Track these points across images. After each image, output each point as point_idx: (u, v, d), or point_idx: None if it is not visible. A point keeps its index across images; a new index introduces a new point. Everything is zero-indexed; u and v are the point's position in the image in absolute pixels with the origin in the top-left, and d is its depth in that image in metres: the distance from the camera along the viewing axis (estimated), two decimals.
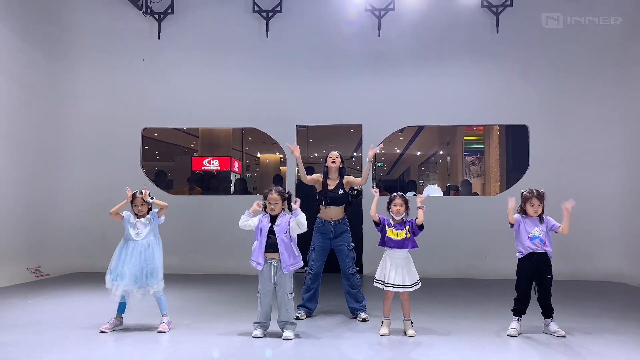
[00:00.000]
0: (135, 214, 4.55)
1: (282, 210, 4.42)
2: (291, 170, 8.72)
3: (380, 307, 4.60)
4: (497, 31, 8.48)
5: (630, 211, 7.96)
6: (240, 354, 3.89)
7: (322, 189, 5.20)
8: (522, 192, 4.61)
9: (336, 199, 5.14)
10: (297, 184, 8.64)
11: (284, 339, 4.20)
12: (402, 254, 4.46)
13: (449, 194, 10.45)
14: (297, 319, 4.85)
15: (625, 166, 8.11)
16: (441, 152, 16.43)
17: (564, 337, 4.36)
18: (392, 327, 4.51)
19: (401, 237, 4.43)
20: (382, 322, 4.50)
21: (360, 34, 8.74)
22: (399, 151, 18.51)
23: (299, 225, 4.31)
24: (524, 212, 4.54)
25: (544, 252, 4.46)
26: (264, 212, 4.45)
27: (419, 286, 4.46)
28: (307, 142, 15.71)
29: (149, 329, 4.52)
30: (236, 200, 9.27)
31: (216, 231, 8.56)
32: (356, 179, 5.26)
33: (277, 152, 17.20)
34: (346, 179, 5.23)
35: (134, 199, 4.55)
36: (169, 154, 16.54)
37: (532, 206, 4.46)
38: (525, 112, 8.46)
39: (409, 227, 4.46)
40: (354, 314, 5.11)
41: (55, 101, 8.55)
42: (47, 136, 8.35)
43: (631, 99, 8.06)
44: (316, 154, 17.67)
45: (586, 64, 8.37)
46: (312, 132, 13.39)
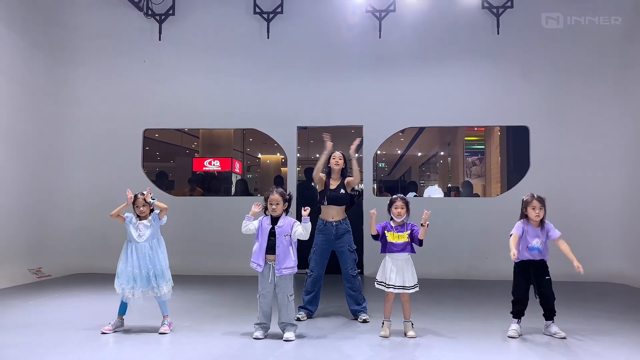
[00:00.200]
0: (137, 216, 4.55)
1: (283, 212, 4.42)
2: (292, 171, 8.72)
3: (380, 308, 4.60)
4: (498, 32, 8.48)
5: (631, 212, 7.95)
6: (241, 355, 3.89)
7: (324, 188, 5.21)
8: (523, 198, 4.59)
9: (338, 198, 5.15)
10: (298, 185, 8.65)
11: (285, 340, 4.21)
12: (403, 256, 4.46)
13: (450, 194, 10.44)
14: (298, 320, 4.86)
15: (626, 167, 8.11)
16: (442, 152, 16.42)
17: (564, 338, 4.36)
18: (393, 328, 4.51)
19: (402, 240, 4.44)
20: (382, 323, 4.50)
21: (361, 35, 8.75)
22: (399, 152, 18.51)
23: (305, 230, 4.30)
24: (525, 217, 4.53)
25: (541, 259, 4.48)
26: (265, 213, 4.45)
27: (417, 289, 4.46)
28: (308, 143, 15.73)
29: (150, 330, 4.52)
30: (237, 201, 9.28)
31: (217, 232, 8.56)
32: (353, 179, 5.24)
33: (278, 153, 17.19)
34: (347, 180, 5.25)
35: (135, 200, 4.55)
36: (170, 155, 16.55)
37: (534, 209, 4.44)
38: (525, 113, 8.46)
39: (409, 232, 4.46)
40: (354, 315, 5.11)
41: (56, 102, 8.57)
42: (48, 137, 8.37)
43: (632, 99, 8.05)
44: (317, 155, 17.71)
45: (587, 64, 8.37)
46: (313, 133, 13.38)
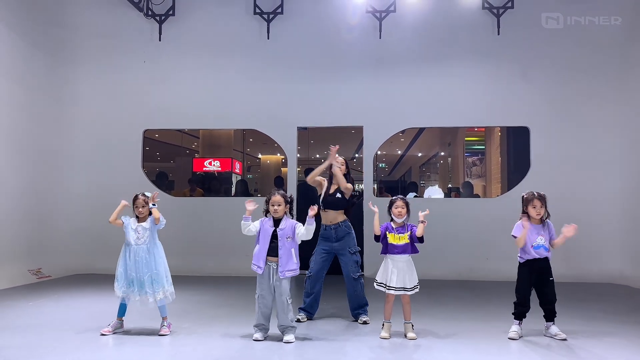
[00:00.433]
0: (136, 217, 4.53)
1: (285, 214, 4.41)
2: (292, 171, 8.71)
3: (380, 309, 4.59)
4: (498, 33, 8.47)
5: (632, 213, 7.93)
6: (240, 356, 3.88)
7: (324, 193, 5.19)
8: (523, 196, 4.56)
9: (334, 202, 5.12)
10: (299, 185, 8.64)
11: (285, 343, 4.20)
12: (404, 257, 4.44)
13: (450, 195, 10.43)
14: (298, 321, 4.85)
15: (626, 167, 8.09)
16: (442, 153, 16.42)
17: (565, 340, 4.35)
18: (393, 330, 4.49)
19: (403, 242, 4.42)
20: (382, 325, 4.49)
21: (361, 36, 8.74)
22: (400, 152, 18.51)
23: (307, 231, 4.28)
24: (526, 215, 4.51)
25: (545, 257, 4.45)
26: (265, 215, 4.43)
27: (417, 290, 4.44)
28: (308, 144, 15.74)
29: (150, 332, 4.51)
30: (237, 201, 9.25)
31: (217, 233, 8.55)
32: (340, 184, 5.13)
33: (278, 154, 17.20)
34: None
35: (135, 200, 4.53)
36: (170, 155, 16.57)
37: (535, 208, 4.41)
38: (526, 114, 8.44)
39: (409, 233, 4.45)
40: (355, 317, 5.10)
41: (56, 102, 8.56)
42: (48, 137, 8.36)
43: (633, 100, 8.04)
44: (317, 155, 17.68)
45: (587, 64, 8.35)
46: (313, 133, 13.41)
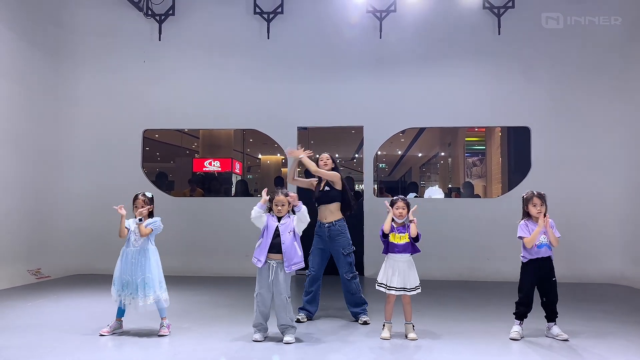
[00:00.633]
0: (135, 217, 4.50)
1: (288, 213, 4.41)
2: (291, 158, 8.67)
3: (381, 310, 4.57)
4: (499, 32, 8.45)
5: (633, 213, 7.91)
6: (240, 357, 3.86)
7: (315, 191, 5.21)
8: (523, 196, 4.56)
9: (322, 197, 5.12)
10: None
11: (285, 343, 4.18)
12: (405, 257, 4.42)
13: (451, 195, 10.41)
14: (298, 321, 4.83)
15: (627, 167, 8.07)
16: (442, 153, 16.40)
17: (566, 340, 4.33)
18: (394, 330, 4.48)
19: (404, 241, 4.40)
20: (383, 325, 4.47)
21: (361, 36, 8.73)
22: (400, 152, 18.49)
23: (301, 218, 4.30)
24: (527, 215, 4.49)
25: (548, 256, 4.44)
26: (270, 212, 4.43)
27: (419, 290, 4.43)
28: (308, 144, 15.71)
29: (149, 332, 4.50)
30: (237, 201, 9.25)
31: (217, 233, 8.54)
32: (309, 167, 5.22)
33: (278, 154, 17.18)
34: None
35: (135, 199, 4.51)
36: (170, 156, 16.54)
37: (535, 206, 4.40)
38: (527, 114, 8.42)
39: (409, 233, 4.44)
40: (355, 317, 5.08)
41: (55, 102, 8.54)
42: (47, 137, 8.34)
43: (633, 100, 8.02)
44: (317, 156, 17.70)
45: (588, 64, 8.34)
46: (314, 133, 13.37)
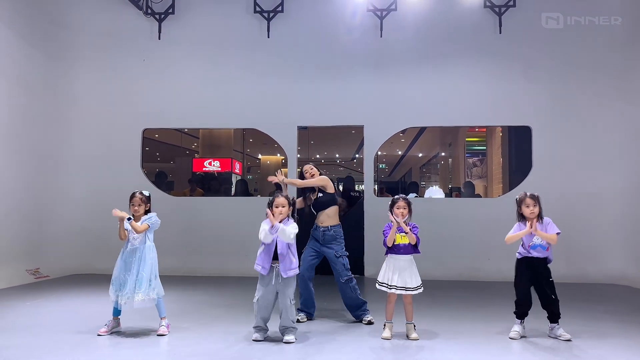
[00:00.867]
0: (132, 215, 4.47)
1: (288, 216, 4.37)
2: (292, 172, 8.65)
3: (382, 309, 4.55)
4: (500, 31, 8.43)
5: (634, 213, 7.88)
6: (240, 357, 3.83)
7: (312, 201, 5.16)
8: (516, 198, 4.56)
9: (320, 204, 5.08)
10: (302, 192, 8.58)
11: (285, 343, 4.15)
12: (407, 257, 4.40)
13: (452, 195, 10.38)
14: (298, 321, 4.80)
15: (629, 167, 8.04)
16: (443, 153, 16.40)
17: (569, 340, 4.30)
18: (395, 330, 4.45)
19: (406, 242, 4.38)
20: (384, 325, 4.45)
21: (362, 35, 8.70)
22: (400, 153, 18.49)
23: (282, 233, 4.17)
24: (522, 217, 4.49)
25: (545, 257, 4.42)
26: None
27: (421, 290, 4.40)
28: (308, 144, 15.70)
29: (148, 332, 4.47)
30: (237, 201, 9.23)
31: (217, 233, 8.51)
32: (295, 183, 5.17)
33: (278, 154, 17.18)
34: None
35: (132, 198, 4.49)
36: (169, 156, 16.55)
37: (528, 207, 4.40)
38: (528, 113, 8.40)
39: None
40: (357, 318, 5.05)
41: (54, 101, 8.51)
42: (46, 136, 8.30)
43: (634, 99, 8.00)
44: (317, 156, 17.67)
45: (590, 64, 8.31)
46: (314, 133, 13.39)
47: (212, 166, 12.06)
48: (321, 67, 8.74)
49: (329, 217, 5.05)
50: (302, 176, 5.23)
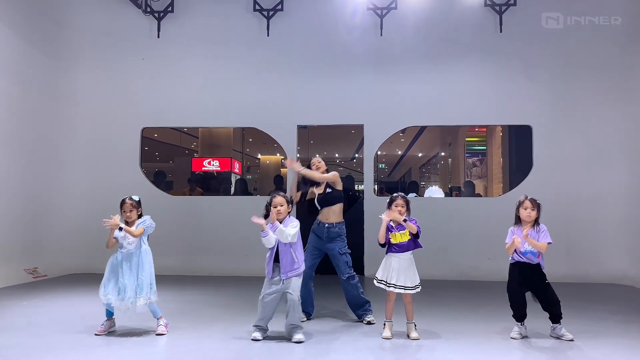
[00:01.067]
0: (125, 222, 4.41)
1: (288, 215, 4.34)
2: (291, 172, 8.60)
3: (381, 309, 4.52)
4: (501, 30, 8.40)
5: (635, 213, 7.85)
6: (239, 357, 3.80)
7: (316, 196, 5.13)
8: (517, 203, 4.54)
9: (328, 198, 5.05)
10: (298, 185, 8.54)
11: (295, 342, 4.12)
12: (406, 256, 4.37)
13: (452, 195, 10.35)
14: None
15: (630, 166, 8.01)
16: (442, 153, 16.37)
17: (572, 340, 4.28)
18: (395, 329, 4.42)
19: (406, 239, 4.35)
20: (384, 324, 4.41)
21: (362, 33, 8.66)
22: (400, 153, 18.46)
23: (281, 233, 4.17)
24: (518, 219, 4.47)
25: (537, 263, 4.39)
26: (265, 218, 4.34)
27: (419, 289, 4.37)
28: (308, 144, 15.66)
29: (147, 332, 4.44)
30: (236, 201, 9.19)
31: (216, 232, 8.48)
32: (314, 177, 5.12)
33: (277, 154, 17.15)
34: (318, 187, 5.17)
35: (122, 204, 4.45)
36: (169, 155, 16.52)
37: (525, 209, 4.38)
38: (529, 112, 8.37)
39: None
40: (359, 317, 5.02)
41: (53, 100, 8.47)
42: (45, 135, 8.26)
43: (634, 99, 7.97)
44: (317, 155, 17.67)
45: (590, 64, 8.28)
46: (313, 132, 13.34)
47: (212, 166, 12.03)
48: (321, 65, 8.71)
49: (335, 214, 5.03)
50: (309, 169, 5.20)
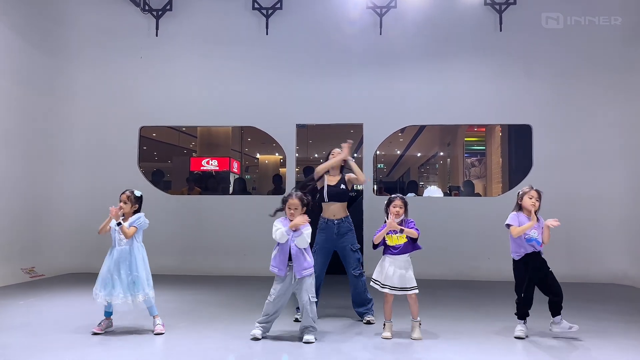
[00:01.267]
0: (122, 214, 4.38)
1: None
2: (290, 171, 8.59)
3: (381, 309, 4.48)
4: (500, 29, 8.38)
5: (635, 213, 7.83)
6: (238, 357, 3.77)
7: (325, 185, 5.05)
8: (519, 192, 4.53)
9: (339, 194, 5.00)
10: (297, 184, 8.52)
11: (305, 343, 4.09)
12: (403, 258, 4.35)
13: (451, 194, 10.33)
14: (296, 320, 4.76)
15: (630, 166, 7.99)
16: (441, 153, 16.35)
17: (576, 332, 4.30)
18: (396, 329, 4.39)
19: (402, 241, 4.32)
20: (384, 325, 4.39)
21: (361, 32, 8.63)
22: (399, 152, 18.44)
23: (302, 240, 4.17)
24: (519, 208, 4.47)
25: (538, 251, 4.39)
26: (278, 212, 4.34)
27: (416, 291, 4.33)
28: (307, 143, 15.63)
29: (144, 331, 4.41)
30: (235, 200, 9.15)
31: (215, 232, 8.44)
32: (356, 179, 5.12)
33: (276, 153, 17.11)
34: (347, 176, 5.11)
35: (122, 194, 4.43)
36: (167, 155, 16.47)
37: (531, 198, 4.37)
38: (528, 112, 8.34)
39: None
40: (360, 316, 5.00)
41: (51, 99, 8.42)
42: (41, 134, 8.21)
43: (635, 99, 7.95)
44: (316, 155, 17.58)
45: (591, 63, 8.26)
46: (312, 132, 13.31)
47: (210, 165, 11.99)
48: (320, 64, 8.67)
49: (342, 210, 5.01)
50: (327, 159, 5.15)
